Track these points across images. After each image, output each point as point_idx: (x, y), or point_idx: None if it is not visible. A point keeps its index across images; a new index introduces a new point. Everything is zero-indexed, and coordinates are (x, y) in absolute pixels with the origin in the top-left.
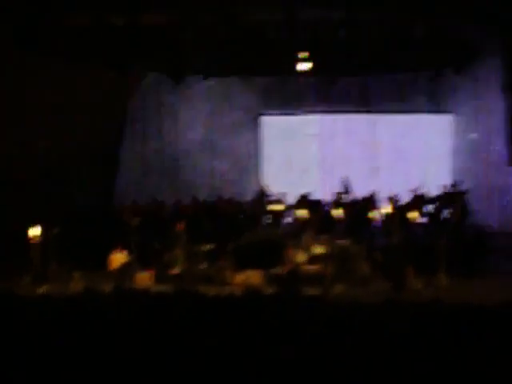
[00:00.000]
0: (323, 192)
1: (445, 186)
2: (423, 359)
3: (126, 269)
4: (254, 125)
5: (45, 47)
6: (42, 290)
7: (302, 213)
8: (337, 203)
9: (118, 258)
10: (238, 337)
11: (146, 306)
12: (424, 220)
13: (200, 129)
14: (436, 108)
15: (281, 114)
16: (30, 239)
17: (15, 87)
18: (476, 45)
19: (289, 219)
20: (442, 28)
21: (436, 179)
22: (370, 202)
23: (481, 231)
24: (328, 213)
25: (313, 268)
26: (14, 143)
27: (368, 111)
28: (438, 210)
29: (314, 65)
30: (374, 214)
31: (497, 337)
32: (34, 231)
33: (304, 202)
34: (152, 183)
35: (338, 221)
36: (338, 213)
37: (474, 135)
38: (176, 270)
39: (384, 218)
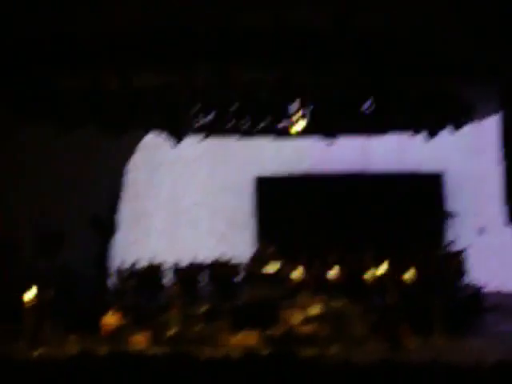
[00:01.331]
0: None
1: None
2: None
3: (121, 331)
4: (253, 186)
5: (39, 112)
6: (37, 353)
7: (297, 273)
8: (331, 263)
9: (113, 321)
10: None
11: (141, 369)
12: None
13: (199, 188)
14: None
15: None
16: (24, 303)
17: (12, 152)
18: (474, 103)
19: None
20: (438, 87)
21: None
22: (364, 261)
23: (477, 290)
24: (324, 273)
25: (308, 328)
26: (12, 207)
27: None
28: (433, 269)
29: (311, 125)
30: (369, 275)
31: None
32: (28, 295)
33: (300, 261)
34: (151, 244)
35: (332, 281)
36: (332, 273)
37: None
38: (172, 332)
39: (378, 278)
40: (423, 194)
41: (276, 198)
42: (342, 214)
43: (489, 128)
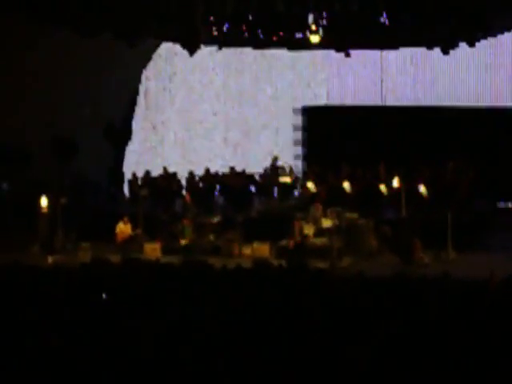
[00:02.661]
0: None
1: (453, 160)
2: (431, 332)
3: (133, 240)
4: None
5: (57, 19)
6: (50, 260)
7: (311, 185)
8: (346, 176)
9: (126, 229)
10: (245, 308)
11: (153, 276)
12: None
13: (213, 99)
14: None
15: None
16: (38, 209)
17: (28, 59)
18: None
19: (297, 192)
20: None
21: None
22: (378, 175)
23: (491, 206)
24: (337, 186)
25: (320, 241)
26: (25, 116)
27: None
28: (447, 184)
29: (326, 37)
30: (383, 188)
31: (504, 310)
32: (42, 201)
33: (312, 174)
34: (164, 154)
35: (346, 194)
36: (346, 186)
37: None
38: (184, 241)
39: (392, 192)
40: None
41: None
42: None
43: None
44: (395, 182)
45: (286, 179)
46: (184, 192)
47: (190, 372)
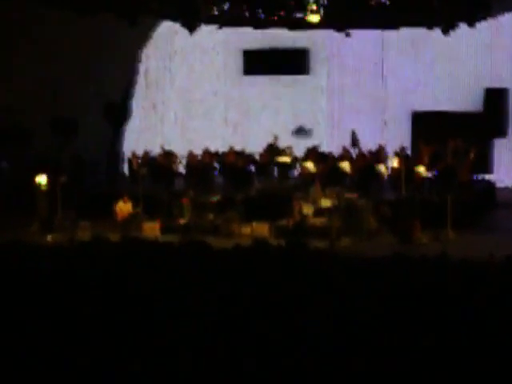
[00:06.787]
0: (331, 145)
1: (452, 140)
2: (429, 312)
3: (133, 218)
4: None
5: None
6: (49, 238)
7: (310, 165)
8: (345, 156)
9: (125, 208)
10: (244, 288)
11: (152, 255)
12: (432, 174)
13: (213, 78)
14: None
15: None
16: (37, 187)
17: (28, 38)
18: None
19: (296, 172)
20: None
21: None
22: (378, 155)
23: (490, 186)
24: (336, 166)
25: (319, 221)
26: (24, 93)
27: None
28: (447, 165)
29: (326, 17)
30: (382, 168)
31: (502, 291)
32: (41, 179)
33: (312, 154)
34: (164, 133)
35: (345, 174)
36: (345, 166)
37: None
38: (183, 221)
39: (391, 172)
40: None
41: None
42: None
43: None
44: (395, 162)
45: (286, 159)
46: (183, 171)
47: (190, 353)
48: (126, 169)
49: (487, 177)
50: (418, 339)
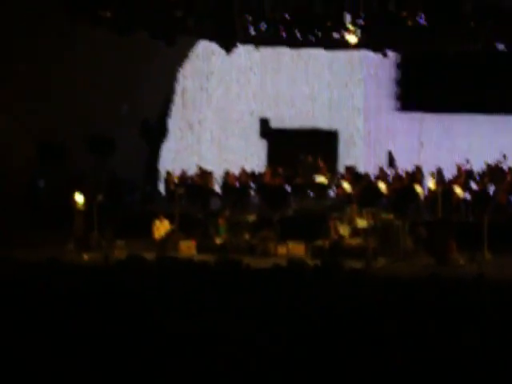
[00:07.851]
0: (368, 165)
1: (490, 163)
2: (466, 334)
3: (169, 237)
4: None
5: (95, 18)
6: (85, 257)
7: (346, 185)
8: (381, 177)
9: (162, 227)
10: (279, 307)
11: (188, 274)
12: (468, 196)
13: (250, 98)
14: None
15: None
16: (74, 206)
17: (67, 59)
18: None
19: (333, 192)
20: (492, 2)
21: (481, 155)
22: (414, 176)
23: None
24: (372, 186)
25: (356, 241)
26: (62, 111)
27: None
28: (484, 186)
29: (364, 37)
30: (419, 189)
31: None
32: (78, 197)
33: (348, 174)
34: (201, 152)
35: (382, 194)
36: (382, 186)
37: None
38: (219, 240)
39: (428, 193)
40: None
41: None
42: None
43: None
44: (431, 183)
45: (322, 179)
46: (220, 191)
47: (224, 371)
48: (162, 188)
49: None
50: (456, 361)
